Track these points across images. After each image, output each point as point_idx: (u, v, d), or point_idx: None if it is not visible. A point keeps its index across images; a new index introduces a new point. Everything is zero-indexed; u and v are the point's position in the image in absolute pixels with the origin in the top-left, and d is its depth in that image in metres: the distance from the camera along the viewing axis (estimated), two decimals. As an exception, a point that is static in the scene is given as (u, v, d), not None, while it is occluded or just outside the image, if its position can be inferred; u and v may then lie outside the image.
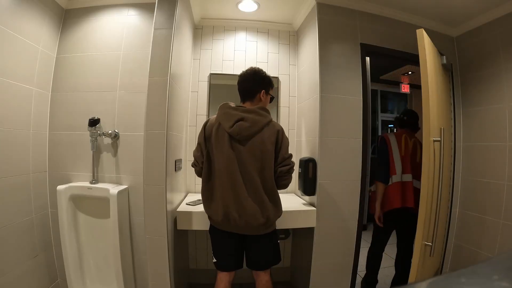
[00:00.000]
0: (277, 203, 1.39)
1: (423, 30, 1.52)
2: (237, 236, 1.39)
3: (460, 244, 2.07)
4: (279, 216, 1.42)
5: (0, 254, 1.43)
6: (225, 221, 1.35)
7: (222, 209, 1.34)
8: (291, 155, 1.41)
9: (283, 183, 1.40)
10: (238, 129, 1.31)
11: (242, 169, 1.32)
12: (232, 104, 1.40)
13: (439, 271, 2.13)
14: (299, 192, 1.98)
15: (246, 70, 1.45)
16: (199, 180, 2.17)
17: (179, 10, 1.60)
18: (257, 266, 1.45)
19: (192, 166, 1.52)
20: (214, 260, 1.44)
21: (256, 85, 1.42)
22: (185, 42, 1.91)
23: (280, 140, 1.37)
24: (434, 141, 1.51)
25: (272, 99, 1.53)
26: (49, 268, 1.77)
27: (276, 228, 1.49)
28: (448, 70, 2.04)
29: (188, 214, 1.64)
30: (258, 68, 1.46)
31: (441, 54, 1.94)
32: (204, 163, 1.39)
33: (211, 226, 1.45)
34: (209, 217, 1.42)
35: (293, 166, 1.41)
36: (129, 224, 1.75)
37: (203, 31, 2.22)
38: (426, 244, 1.56)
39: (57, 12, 1.80)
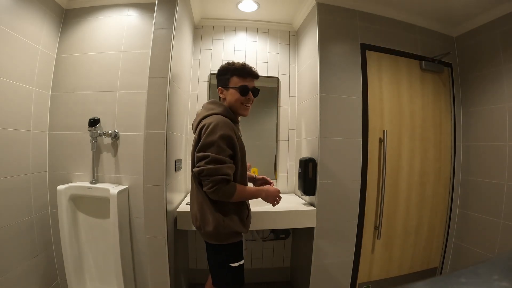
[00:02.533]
0: (203, 214, 1.19)
1: (369, 51, 1.87)
2: None
3: (460, 244, 2.07)
4: (214, 233, 1.18)
5: (0, 254, 1.43)
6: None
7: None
8: (205, 156, 1.10)
9: (206, 191, 1.13)
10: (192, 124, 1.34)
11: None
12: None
13: (438, 271, 2.13)
14: (299, 192, 1.98)
15: None
16: (199, 180, 2.17)
17: (179, 10, 1.60)
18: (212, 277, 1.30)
19: None
20: None
21: (216, 84, 1.32)
22: (185, 42, 1.91)
23: (202, 134, 1.13)
24: (380, 140, 1.88)
25: (244, 90, 1.23)
26: (49, 268, 1.77)
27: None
28: (436, 72, 2.06)
29: (188, 214, 1.63)
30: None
31: (421, 58, 2.00)
32: None
33: None
34: None
35: (207, 170, 1.08)
36: (129, 224, 1.75)
37: (203, 31, 2.22)
38: (375, 228, 1.89)
39: (57, 12, 1.80)
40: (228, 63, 1.29)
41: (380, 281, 1.95)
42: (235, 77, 1.25)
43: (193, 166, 1.20)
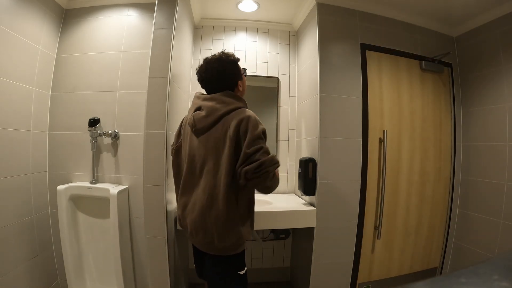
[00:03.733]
0: (224, 227, 1.06)
1: (369, 51, 1.87)
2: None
3: (460, 244, 2.07)
4: (232, 246, 1.10)
5: (0, 254, 1.43)
6: (181, 223, 1.23)
7: (180, 213, 1.22)
8: (259, 148, 1.03)
9: (261, 187, 1.06)
10: (193, 120, 1.13)
11: (196, 168, 1.13)
12: (203, 93, 1.24)
13: (438, 271, 2.13)
14: (299, 192, 1.98)
15: (207, 65, 1.17)
16: (199, 180, 2.17)
17: (179, 10, 1.60)
18: None
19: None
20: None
21: (230, 79, 1.18)
22: (185, 42, 1.91)
23: (243, 131, 1.04)
24: (380, 140, 1.87)
25: (245, 70, 1.30)
26: (49, 268, 1.77)
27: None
28: (436, 72, 2.06)
29: (188, 214, 1.64)
30: (220, 55, 1.18)
31: (421, 58, 2.01)
32: (173, 158, 1.30)
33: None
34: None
35: (268, 161, 1.02)
36: (129, 224, 1.76)
37: (203, 31, 2.22)
38: (374, 228, 1.88)
39: (57, 12, 1.80)
40: (224, 54, 1.19)
41: (380, 281, 1.95)
42: (239, 64, 1.23)
43: (230, 166, 1.05)
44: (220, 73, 1.16)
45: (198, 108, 1.15)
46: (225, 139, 1.06)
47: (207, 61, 1.19)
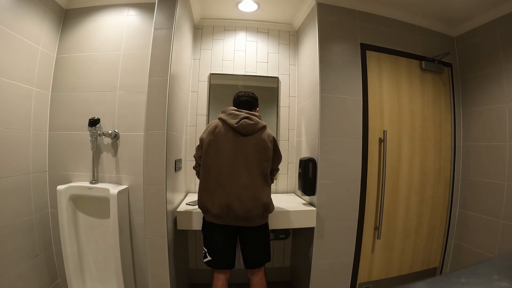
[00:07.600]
0: (271, 199, 1.50)
1: (369, 51, 1.88)
2: (233, 230, 1.44)
3: (460, 244, 2.07)
4: (272, 208, 1.50)
5: (0, 254, 1.42)
6: (225, 213, 1.39)
7: (222, 201, 1.38)
8: (279, 163, 1.61)
9: (273, 179, 1.66)
10: (245, 124, 1.43)
11: (245, 160, 1.43)
12: (234, 108, 1.53)
13: (438, 271, 2.13)
14: (299, 192, 1.98)
15: (247, 94, 1.60)
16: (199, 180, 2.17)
17: (179, 10, 1.60)
18: (252, 264, 1.49)
19: (194, 169, 1.61)
20: (209, 258, 1.44)
21: (255, 103, 1.62)
22: (185, 42, 1.91)
23: (276, 148, 1.53)
24: (380, 140, 1.88)
25: None
26: (49, 268, 1.77)
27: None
28: (436, 72, 2.06)
29: (188, 214, 1.65)
30: (251, 92, 1.63)
31: (421, 58, 2.01)
32: (202, 158, 1.46)
33: (206, 223, 1.47)
34: (206, 212, 1.43)
35: (277, 170, 1.66)
36: (129, 224, 1.75)
37: (203, 31, 2.22)
38: (374, 228, 1.90)
39: (57, 12, 1.80)
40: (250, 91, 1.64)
41: (380, 281, 1.96)
42: None
43: (268, 165, 1.50)
44: (256, 100, 1.62)
45: (246, 117, 1.45)
46: (269, 143, 1.48)
47: (246, 93, 1.60)
